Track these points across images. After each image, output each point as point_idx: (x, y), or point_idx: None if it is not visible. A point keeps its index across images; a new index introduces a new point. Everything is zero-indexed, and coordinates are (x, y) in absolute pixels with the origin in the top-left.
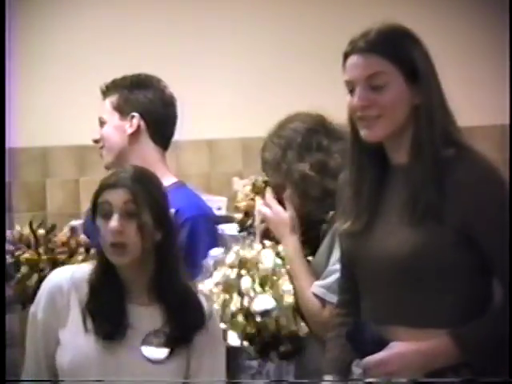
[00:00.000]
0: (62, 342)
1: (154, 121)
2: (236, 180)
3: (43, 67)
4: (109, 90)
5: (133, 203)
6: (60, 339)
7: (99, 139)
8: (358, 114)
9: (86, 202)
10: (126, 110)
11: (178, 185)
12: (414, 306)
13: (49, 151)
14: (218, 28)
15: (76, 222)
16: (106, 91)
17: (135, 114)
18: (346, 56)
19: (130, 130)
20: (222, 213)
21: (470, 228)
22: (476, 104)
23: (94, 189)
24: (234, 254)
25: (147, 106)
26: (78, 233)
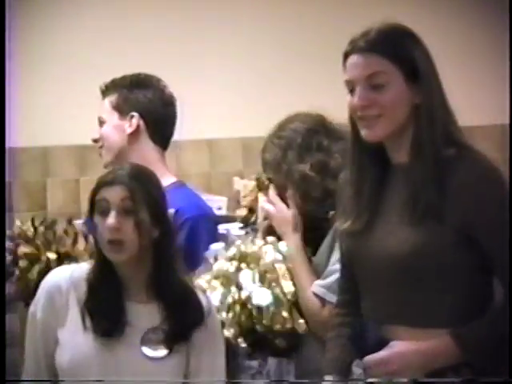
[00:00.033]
0: (60, 341)
1: (154, 120)
2: (236, 180)
3: (43, 67)
4: (108, 89)
5: (130, 200)
6: (59, 338)
7: (98, 139)
8: (358, 113)
9: (87, 201)
10: (125, 109)
11: (178, 184)
12: (414, 306)
13: (49, 151)
14: (219, 28)
15: (77, 222)
16: (106, 91)
17: (134, 114)
18: (346, 56)
19: (129, 130)
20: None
21: (471, 228)
22: (476, 104)
23: None
24: (235, 247)
25: (147, 105)
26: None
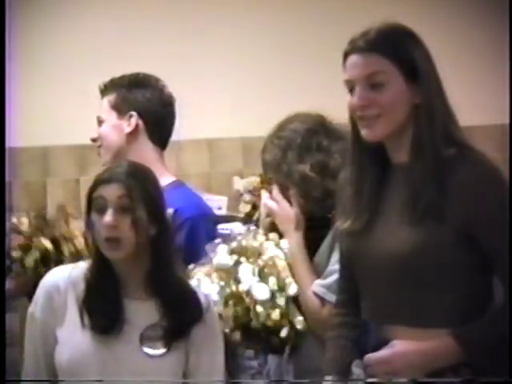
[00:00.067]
0: (59, 340)
1: (152, 120)
2: (236, 179)
3: (43, 67)
4: (107, 88)
5: (127, 198)
6: (58, 337)
7: (97, 138)
8: (358, 113)
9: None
10: (123, 109)
11: (177, 184)
12: (413, 306)
13: (49, 151)
14: (219, 29)
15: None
16: (104, 90)
17: (133, 113)
18: (346, 55)
19: (127, 129)
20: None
21: (471, 227)
22: (476, 104)
23: None
24: (236, 242)
25: (145, 105)
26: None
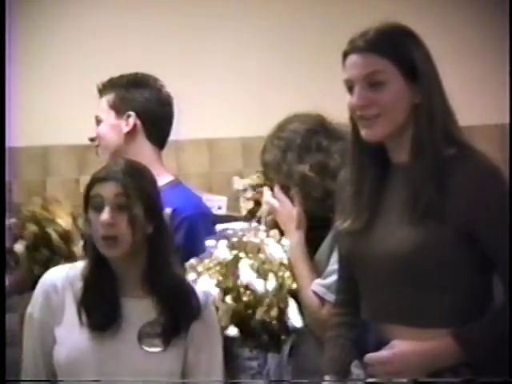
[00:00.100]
0: (58, 339)
1: (150, 120)
2: (236, 179)
3: (43, 67)
4: (105, 88)
5: (124, 196)
6: (56, 336)
7: (95, 137)
8: (358, 113)
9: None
10: (122, 108)
11: (175, 183)
12: (413, 306)
13: (49, 150)
14: (219, 28)
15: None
16: (103, 90)
17: (131, 113)
18: (346, 55)
19: (125, 129)
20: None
21: (471, 227)
22: (476, 104)
23: None
24: (237, 237)
25: (143, 105)
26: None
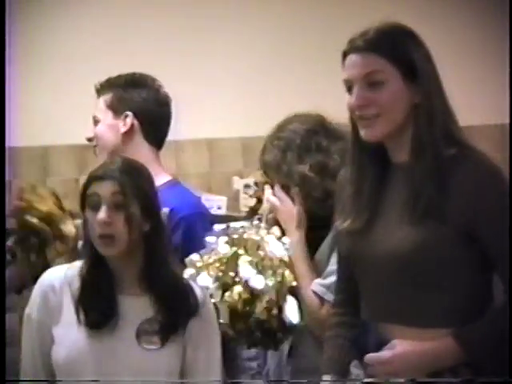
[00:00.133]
0: (56, 338)
1: (148, 120)
2: (236, 179)
3: (43, 67)
4: (103, 88)
5: (121, 195)
6: (54, 336)
7: (93, 137)
8: (357, 113)
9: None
10: (119, 108)
11: (172, 183)
12: (413, 306)
13: (49, 150)
14: (219, 28)
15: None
16: (101, 89)
17: (129, 113)
18: (345, 55)
19: (123, 129)
20: (222, 212)
21: (471, 227)
22: (476, 104)
23: None
24: (237, 234)
25: (141, 105)
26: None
